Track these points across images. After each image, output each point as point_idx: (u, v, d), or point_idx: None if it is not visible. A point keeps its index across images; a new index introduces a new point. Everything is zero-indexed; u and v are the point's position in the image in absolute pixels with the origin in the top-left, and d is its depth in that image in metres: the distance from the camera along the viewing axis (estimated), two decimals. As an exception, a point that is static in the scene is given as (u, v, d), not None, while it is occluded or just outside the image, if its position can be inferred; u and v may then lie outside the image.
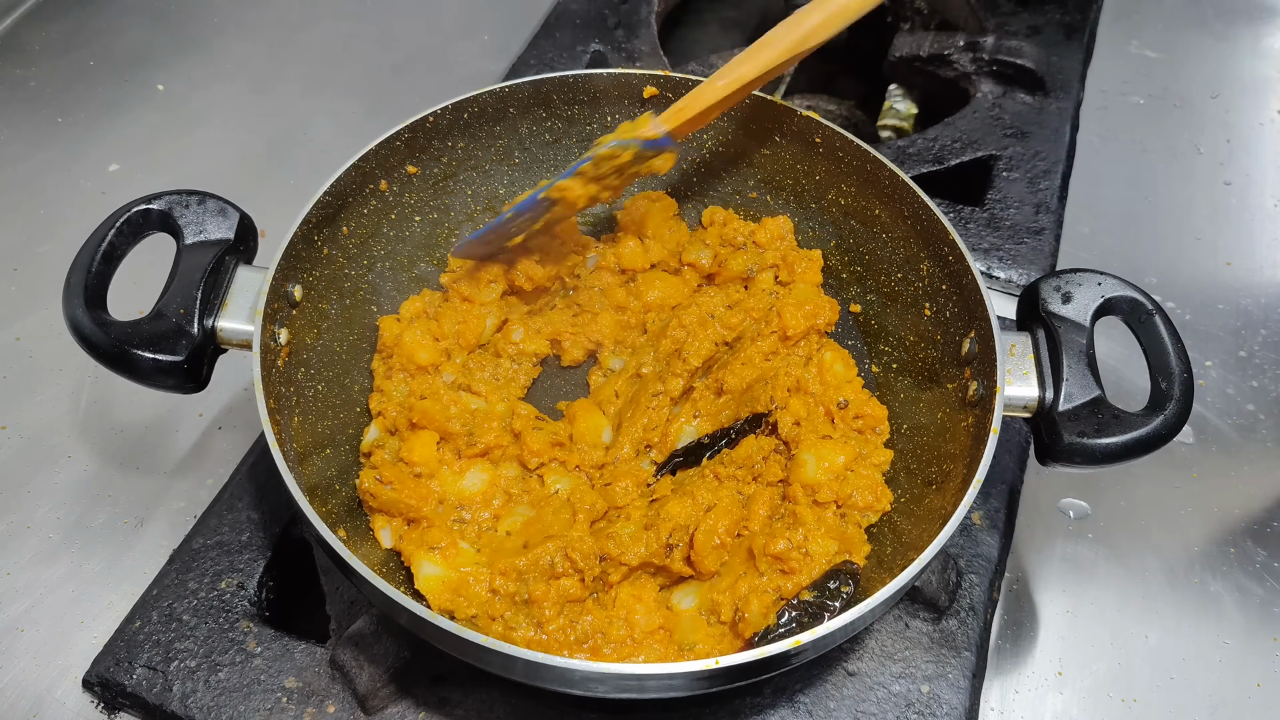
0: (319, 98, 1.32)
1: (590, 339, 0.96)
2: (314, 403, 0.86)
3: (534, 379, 0.95)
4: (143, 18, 1.41)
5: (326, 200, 0.87)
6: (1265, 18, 1.46)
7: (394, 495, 0.81)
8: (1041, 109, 1.27)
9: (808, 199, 1.01)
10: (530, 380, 0.94)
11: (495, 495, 0.84)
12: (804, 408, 0.87)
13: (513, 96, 0.98)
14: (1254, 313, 1.11)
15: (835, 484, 0.82)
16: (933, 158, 1.20)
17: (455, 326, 0.92)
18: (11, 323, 1.06)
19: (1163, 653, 0.87)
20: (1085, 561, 0.92)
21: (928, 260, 0.90)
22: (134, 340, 0.77)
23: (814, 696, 0.81)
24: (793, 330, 0.91)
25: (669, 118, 0.87)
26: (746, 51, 0.87)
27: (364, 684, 0.78)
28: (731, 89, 0.87)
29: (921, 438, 0.87)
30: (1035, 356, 0.80)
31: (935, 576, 0.85)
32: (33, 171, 1.21)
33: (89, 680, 0.82)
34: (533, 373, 0.95)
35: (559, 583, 0.76)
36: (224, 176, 1.21)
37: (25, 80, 1.31)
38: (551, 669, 0.65)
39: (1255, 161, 1.27)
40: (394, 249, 0.98)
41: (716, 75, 0.87)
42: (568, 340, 0.95)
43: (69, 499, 0.93)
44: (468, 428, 0.85)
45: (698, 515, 0.80)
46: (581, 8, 1.39)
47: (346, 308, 0.93)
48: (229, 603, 0.84)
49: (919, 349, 0.92)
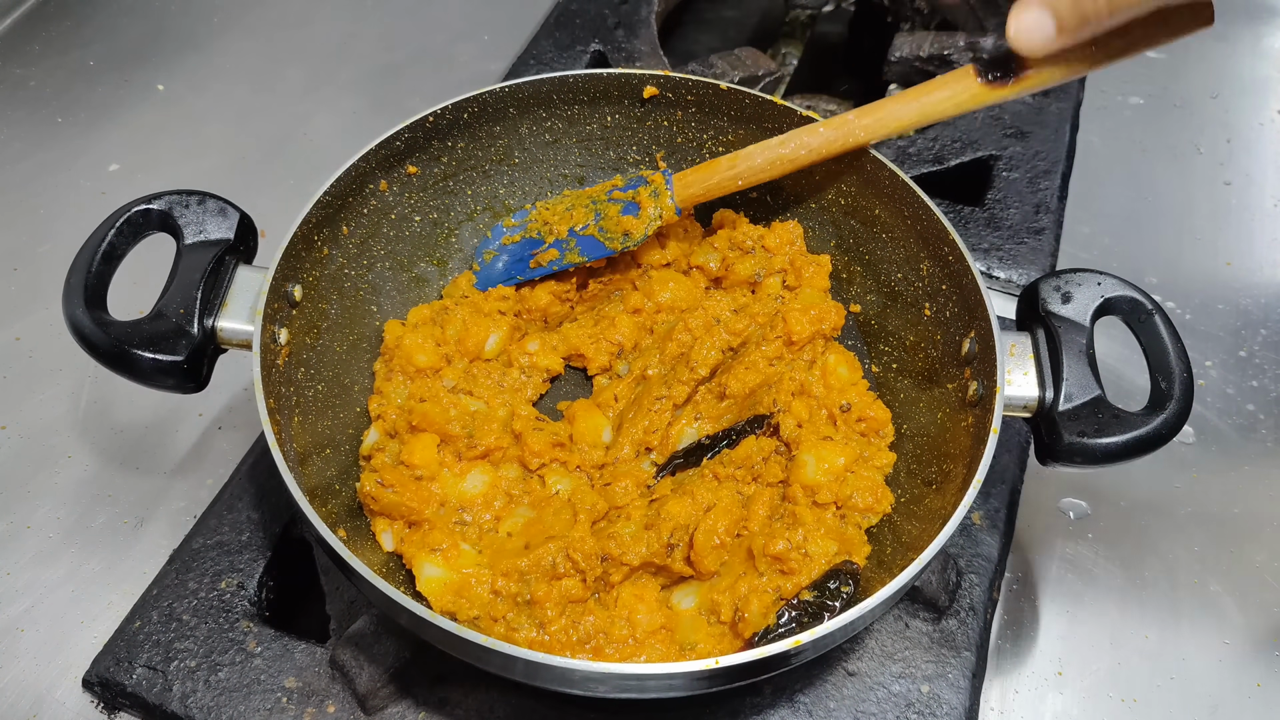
0: (319, 98, 1.32)
1: (613, 343, 0.96)
2: (314, 403, 0.86)
3: (541, 394, 0.95)
4: (143, 18, 1.41)
5: (326, 200, 0.87)
6: (1265, 18, 1.46)
7: (395, 498, 0.81)
8: (1041, 109, 1.27)
9: (808, 199, 1.01)
10: (538, 394, 0.94)
11: (496, 497, 0.84)
12: (807, 410, 0.87)
13: (513, 96, 0.98)
14: (1254, 313, 1.11)
15: (835, 485, 0.82)
16: (933, 158, 1.20)
17: (457, 333, 0.92)
18: (11, 323, 1.06)
19: (1163, 653, 0.87)
20: (1085, 561, 0.92)
21: (928, 260, 0.90)
22: (134, 340, 0.77)
23: (814, 696, 0.81)
24: (798, 335, 0.91)
25: (681, 189, 0.92)
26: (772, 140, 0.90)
27: (364, 684, 0.78)
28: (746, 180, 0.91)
29: (921, 438, 0.87)
30: (1035, 356, 0.80)
31: (935, 576, 0.85)
32: (33, 171, 1.21)
33: (89, 680, 0.82)
34: (541, 388, 0.94)
35: (561, 583, 0.76)
36: (224, 176, 1.21)
37: (25, 80, 1.31)
38: (551, 669, 0.65)
39: (1255, 161, 1.27)
40: (394, 249, 0.98)
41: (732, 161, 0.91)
42: (592, 348, 0.95)
43: (69, 499, 0.93)
44: (468, 430, 0.85)
45: (698, 515, 0.80)
46: (581, 8, 1.39)
47: (346, 308, 0.93)
48: (229, 603, 0.84)
49: (919, 349, 0.92)
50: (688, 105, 1.00)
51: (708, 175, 0.91)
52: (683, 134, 1.02)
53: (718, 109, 0.99)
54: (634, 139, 1.03)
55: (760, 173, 0.90)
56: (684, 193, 0.92)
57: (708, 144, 1.03)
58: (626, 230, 0.94)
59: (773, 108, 0.97)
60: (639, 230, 0.93)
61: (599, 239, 0.95)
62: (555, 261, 0.97)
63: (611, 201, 0.96)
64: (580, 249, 0.96)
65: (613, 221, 0.95)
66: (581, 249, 0.96)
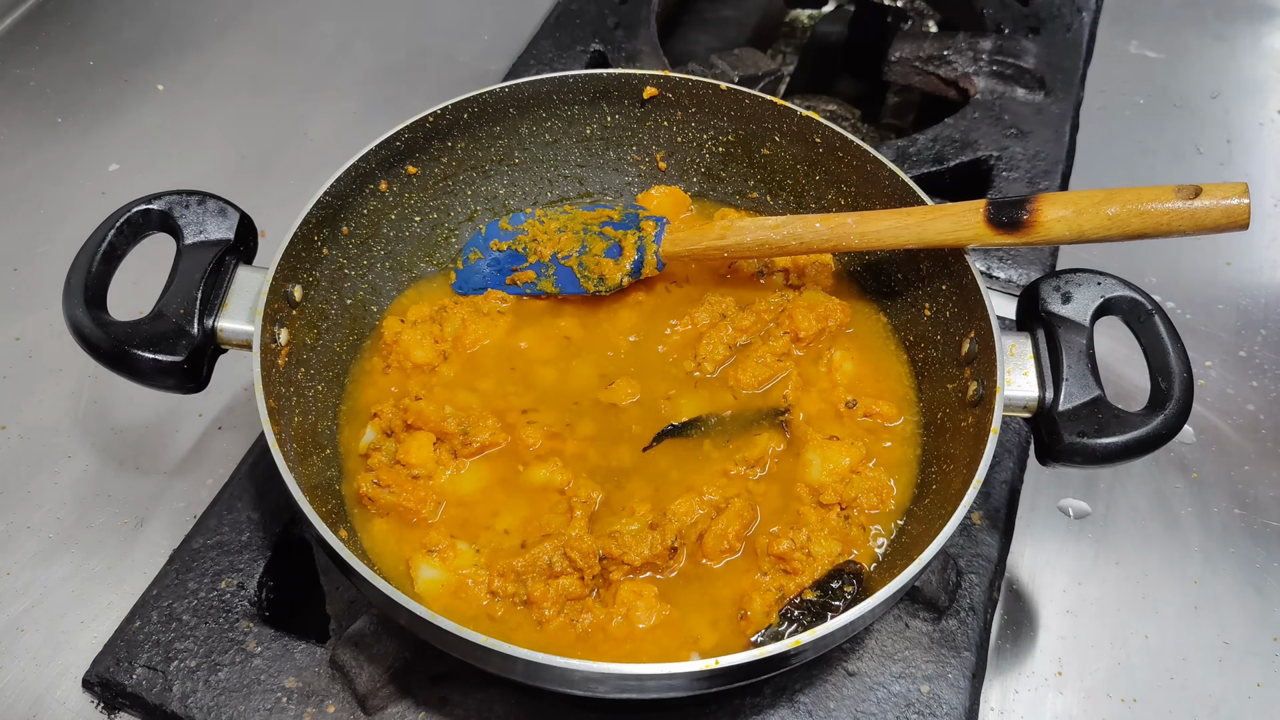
0: (319, 98, 1.32)
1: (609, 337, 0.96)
2: (314, 403, 0.86)
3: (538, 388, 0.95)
4: (143, 18, 1.41)
5: (326, 200, 0.87)
6: (1265, 18, 1.46)
7: (393, 498, 0.81)
8: (1041, 109, 1.27)
9: (808, 199, 1.01)
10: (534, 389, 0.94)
11: (492, 493, 0.84)
12: (813, 406, 0.88)
13: (513, 96, 0.98)
14: (1254, 313, 1.11)
15: (840, 486, 0.82)
16: (933, 158, 1.20)
17: (455, 331, 0.92)
18: (11, 323, 1.06)
19: (1163, 653, 0.87)
20: (1085, 561, 0.92)
21: (928, 260, 0.90)
22: (134, 340, 0.77)
23: (814, 696, 0.81)
24: (804, 332, 0.92)
25: (669, 243, 0.93)
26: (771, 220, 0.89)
27: (364, 684, 0.78)
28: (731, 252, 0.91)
29: (921, 438, 0.87)
30: (1035, 356, 0.80)
31: (935, 576, 0.85)
32: (33, 171, 1.21)
33: (89, 680, 0.82)
34: (542, 380, 0.94)
35: (558, 582, 0.76)
36: (224, 176, 1.21)
37: (25, 80, 1.31)
38: (551, 669, 0.65)
39: (1255, 161, 1.27)
40: (394, 249, 0.98)
41: (722, 230, 0.91)
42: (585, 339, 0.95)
43: (69, 499, 0.93)
44: (463, 427, 0.85)
45: (703, 513, 0.81)
46: (581, 8, 1.39)
47: (346, 308, 0.93)
48: (229, 603, 0.84)
49: (919, 349, 0.92)
50: (688, 105, 1.00)
51: (697, 239, 0.92)
52: (683, 134, 1.02)
53: (718, 109, 0.99)
54: (634, 139, 1.03)
55: (747, 250, 0.90)
56: (671, 247, 0.93)
57: (708, 144, 1.03)
58: (603, 274, 0.94)
59: (772, 108, 0.97)
60: (614, 278, 0.94)
61: (576, 274, 0.96)
62: (530, 284, 0.97)
63: (601, 236, 0.96)
64: (556, 279, 0.96)
65: (593, 259, 0.95)
66: (557, 279, 0.96)
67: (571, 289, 0.96)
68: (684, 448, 0.87)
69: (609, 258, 0.95)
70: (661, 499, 0.82)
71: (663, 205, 1.02)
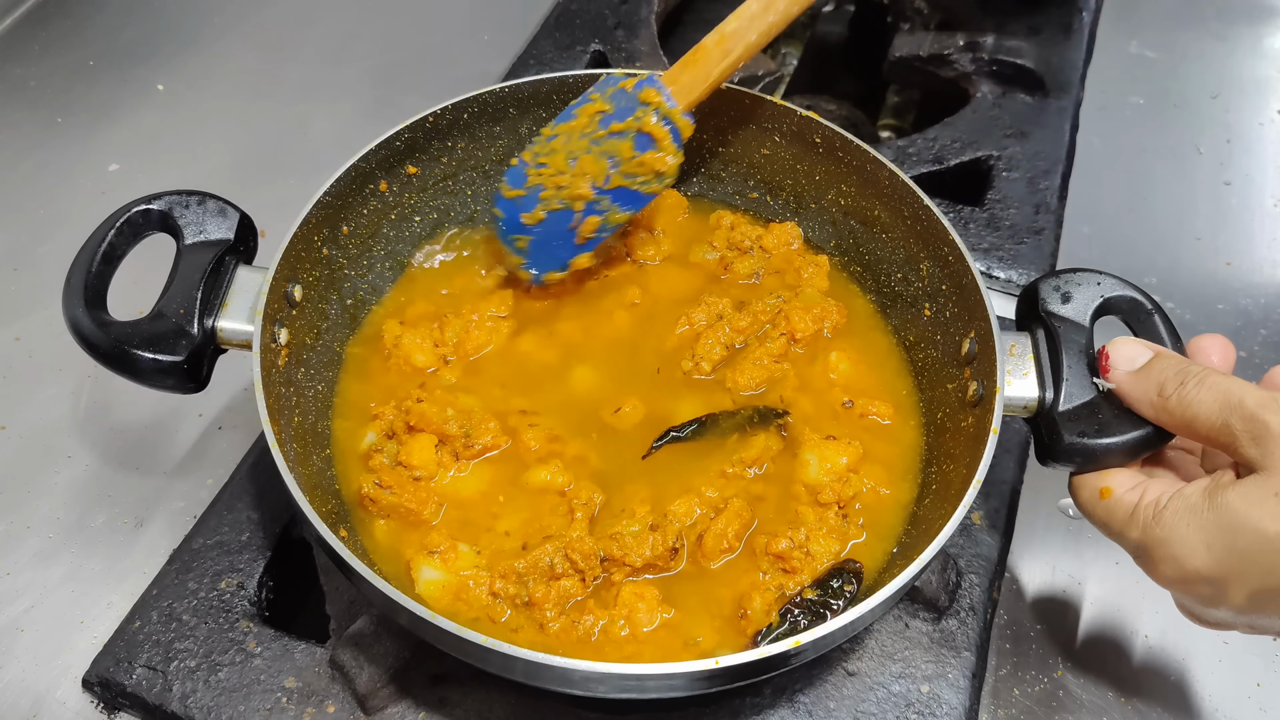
0: (319, 98, 1.32)
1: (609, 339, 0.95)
2: (314, 403, 0.86)
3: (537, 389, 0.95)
4: (143, 18, 1.41)
5: (326, 200, 0.87)
6: (1265, 18, 1.46)
7: (394, 500, 0.81)
8: (1041, 109, 1.27)
9: (808, 199, 1.01)
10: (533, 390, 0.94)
11: (493, 495, 0.84)
12: (811, 406, 0.88)
13: (513, 96, 0.98)
14: (1254, 313, 1.11)
15: (838, 485, 0.82)
16: (933, 158, 1.20)
17: (456, 335, 0.92)
18: (11, 323, 1.06)
19: (1163, 653, 0.87)
20: (1085, 561, 0.92)
21: (928, 260, 0.90)
22: (134, 340, 0.77)
23: (814, 696, 0.81)
24: (801, 333, 0.92)
25: (681, 95, 0.87)
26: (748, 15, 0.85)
27: (364, 684, 0.78)
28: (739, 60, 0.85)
29: (921, 438, 0.88)
30: (1035, 356, 0.80)
31: (935, 576, 0.85)
32: (33, 171, 1.21)
33: (89, 680, 0.82)
34: (543, 382, 0.94)
35: (559, 583, 0.76)
36: (224, 176, 1.20)
37: (25, 80, 1.31)
38: (551, 669, 0.65)
39: (1255, 161, 1.27)
40: (394, 249, 0.98)
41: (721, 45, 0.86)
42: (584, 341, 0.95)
43: (69, 499, 0.93)
44: (464, 429, 0.85)
45: (703, 513, 0.81)
46: (581, 8, 1.39)
47: (346, 308, 0.93)
48: (229, 603, 0.84)
49: (919, 349, 0.92)
50: (687, 105, 1.00)
51: (704, 72, 0.85)
52: (682, 134, 1.02)
53: (717, 109, 0.99)
54: (634, 139, 1.03)
55: (754, 48, 0.85)
56: (686, 98, 0.88)
57: (707, 144, 1.03)
58: (655, 170, 0.87)
59: (772, 108, 0.97)
60: (667, 167, 0.87)
61: (631, 187, 0.87)
62: (602, 228, 0.90)
63: (613, 136, 0.89)
64: (619, 205, 0.88)
65: (633, 163, 0.87)
66: (620, 204, 0.88)
67: (641, 203, 0.90)
68: (683, 449, 0.87)
69: (645, 151, 0.88)
70: (661, 500, 0.82)
71: (658, 205, 1.02)
